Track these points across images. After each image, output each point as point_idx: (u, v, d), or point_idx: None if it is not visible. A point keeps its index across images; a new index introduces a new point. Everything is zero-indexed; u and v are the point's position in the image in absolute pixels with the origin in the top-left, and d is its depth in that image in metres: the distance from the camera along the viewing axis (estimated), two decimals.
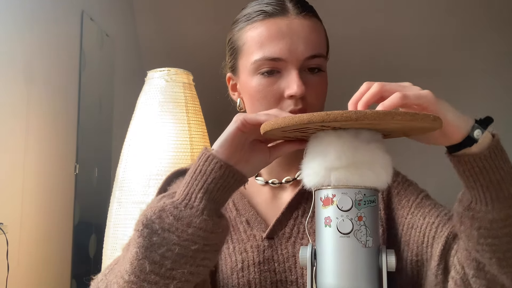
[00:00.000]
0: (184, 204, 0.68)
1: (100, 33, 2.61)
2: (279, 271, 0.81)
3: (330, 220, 0.65)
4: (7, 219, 1.73)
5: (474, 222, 0.66)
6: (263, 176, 0.90)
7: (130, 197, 1.69)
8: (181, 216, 0.67)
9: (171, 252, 0.66)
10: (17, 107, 1.87)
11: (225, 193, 0.71)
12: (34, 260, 1.95)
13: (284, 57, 0.80)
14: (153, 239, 0.66)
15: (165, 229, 0.66)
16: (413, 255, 0.80)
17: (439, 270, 0.75)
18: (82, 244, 2.33)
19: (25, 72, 1.93)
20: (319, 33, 0.85)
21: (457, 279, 0.72)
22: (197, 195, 0.68)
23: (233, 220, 0.86)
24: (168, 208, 0.68)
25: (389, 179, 0.67)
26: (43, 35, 2.07)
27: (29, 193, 1.92)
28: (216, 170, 0.69)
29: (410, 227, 0.81)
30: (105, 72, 2.70)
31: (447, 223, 0.78)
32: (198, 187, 0.69)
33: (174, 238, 0.66)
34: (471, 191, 0.67)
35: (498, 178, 0.65)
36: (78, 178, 2.30)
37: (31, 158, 1.94)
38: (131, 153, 1.74)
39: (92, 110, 2.51)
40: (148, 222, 0.67)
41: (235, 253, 0.83)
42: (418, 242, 0.79)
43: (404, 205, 0.84)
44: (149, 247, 0.66)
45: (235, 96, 0.91)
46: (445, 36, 3.25)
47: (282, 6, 0.83)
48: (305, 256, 0.67)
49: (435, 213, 0.80)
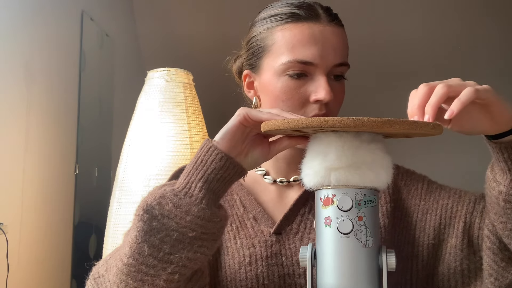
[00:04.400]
0: (183, 192, 0.70)
1: (100, 33, 2.61)
2: (287, 265, 0.82)
3: (330, 220, 0.65)
4: (7, 219, 1.73)
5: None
6: (271, 174, 0.91)
7: (130, 197, 1.69)
8: (180, 204, 0.69)
9: (169, 237, 0.68)
10: (17, 107, 1.87)
11: (224, 184, 0.73)
12: (34, 260, 1.95)
13: (315, 62, 0.82)
14: (153, 224, 0.69)
15: (165, 215, 0.69)
16: (430, 239, 0.84)
17: (463, 245, 0.81)
18: (82, 244, 2.33)
19: (25, 72, 1.93)
20: (345, 42, 0.87)
21: (494, 248, 0.76)
22: (197, 184, 0.70)
23: (241, 217, 0.87)
24: (168, 195, 0.70)
25: (389, 179, 0.67)
26: (43, 35, 2.07)
27: (29, 193, 1.92)
28: (217, 161, 0.71)
29: (425, 212, 0.86)
30: (105, 72, 2.70)
31: (460, 201, 0.84)
32: (198, 176, 0.71)
33: (172, 224, 0.68)
34: (510, 172, 0.71)
35: None
36: (78, 178, 2.31)
37: (31, 158, 1.94)
38: (131, 153, 1.74)
39: (92, 110, 2.51)
40: (149, 207, 0.69)
41: (243, 248, 0.84)
42: (435, 225, 0.84)
43: (414, 194, 0.89)
44: (149, 231, 0.69)
45: (250, 94, 0.92)
46: (449, 37, 3.25)
47: (315, 12, 0.85)
48: (305, 256, 0.67)
49: (446, 195, 0.86)
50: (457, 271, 0.81)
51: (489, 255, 0.77)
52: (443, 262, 0.83)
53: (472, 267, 0.81)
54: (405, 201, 0.89)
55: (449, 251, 0.83)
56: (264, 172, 0.90)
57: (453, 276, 0.82)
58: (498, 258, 0.76)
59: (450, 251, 0.82)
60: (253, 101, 0.91)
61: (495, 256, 0.76)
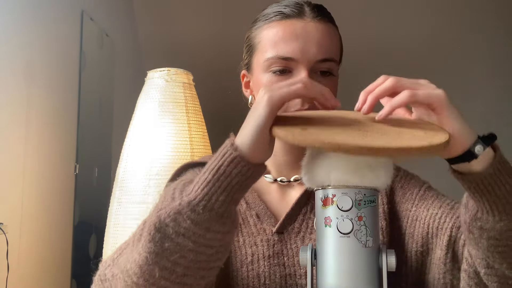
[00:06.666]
0: (202, 205, 0.62)
1: (100, 33, 2.61)
2: (288, 265, 0.82)
3: (330, 220, 0.65)
4: (7, 219, 1.72)
5: (483, 232, 0.66)
6: (272, 174, 0.91)
7: (130, 197, 1.69)
8: (199, 221, 0.62)
9: (184, 258, 0.63)
10: (17, 107, 1.87)
11: (246, 190, 0.67)
12: (34, 260, 1.95)
13: (295, 57, 0.82)
14: (165, 245, 0.62)
15: (180, 234, 0.62)
16: (418, 246, 0.82)
17: (447, 259, 0.77)
18: (82, 244, 2.33)
19: (25, 72, 1.93)
20: (333, 38, 0.87)
21: (470, 271, 0.72)
22: (218, 197, 0.63)
23: (243, 213, 0.87)
24: (185, 211, 0.62)
25: (389, 180, 0.67)
26: (43, 35, 2.07)
27: (29, 193, 1.92)
28: (244, 172, 0.63)
29: (415, 219, 0.83)
30: (105, 72, 2.70)
31: (450, 213, 0.80)
32: (221, 189, 0.63)
33: (189, 244, 0.62)
34: (477, 203, 0.66)
35: (504, 192, 0.64)
36: (78, 178, 2.30)
37: (31, 158, 1.94)
38: (131, 153, 1.74)
39: (92, 110, 2.51)
40: (162, 225, 0.63)
41: (245, 246, 0.83)
42: (423, 233, 0.81)
43: (408, 198, 0.86)
44: (160, 253, 0.63)
45: (247, 93, 0.93)
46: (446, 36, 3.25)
47: (299, 9, 0.86)
48: (305, 256, 0.67)
49: (438, 204, 0.82)
50: (441, 284, 0.78)
51: (465, 278, 0.73)
52: (429, 271, 0.81)
53: (455, 283, 0.77)
54: (398, 205, 0.87)
55: (434, 262, 0.80)
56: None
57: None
58: (473, 283, 0.72)
59: (435, 262, 0.79)
60: (249, 99, 0.92)
61: (470, 280, 0.73)
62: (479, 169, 0.64)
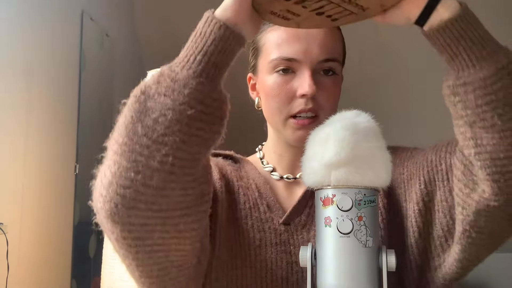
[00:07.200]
0: (181, 65, 0.68)
1: (100, 33, 2.61)
2: (295, 253, 0.84)
3: (330, 220, 0.65)
4: (7, 219, 1.73)
5: (468, 86, 0.67)
6: (278, 171, 0.93)
7: None
8: (178, 78, 0.67)
9: (164, 117, 0.66)
10: (17, 107, 1.87)
11: (225, 56, 0.69)
12: (34, 260, 1.95)
13: (298, 58, 0.84)
14: (148, 105, 0.67)
15: (161, 94, 0.67)
16: (415, 204, 0.80)
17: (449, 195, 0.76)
18: (82, 244, 2.33)
19: (25, 72, 1.93)
20: (335, 39, 0.88)
21: (458, 174, 0.72)
22: (196, 57, 0.68)
23: (254, 200, 0.89)
24: (166, 72, 0.68)
25: (389, 179, 0.67)
26: (43, 35, 2.07)
27: (29, 193, 1.92)
28: (216, 31, 0.68)
29: (409, 179, 0.83)
30: (105, 72, 2.70)
31: (435, 150, 0.80)
32: (198, 49, 0.68)
33: (168, 102, 0.66)
34: (455, 60, 0.68)
35: (478, 36, 0.67)
36: (78, 178, 2.31)
37: (31, 158, 1.94)
38: None
39: (92, 110, 2.51)
40: (146, 88, 0.68)
41: (253, 230, 0.85)
42: (421, 186, 0.80)
43: (398, 164, 0.85)
44: (143, 112, 0.67)
45: (253, 95, 0.95)
46: None
47: None
48: (305, 256, 0.67)
49: (422, 152, 0.83)
50: (450, 224, 0.77)
51: (457, 184, 0.74)
52: (435, 225, 0.79)
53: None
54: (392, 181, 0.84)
55: (438, 208, 0.78)
56: (271, 169, 0.92)
57: (447, 229, 0.77)
58: (461, 185, 0.72)
59: (439, 207, 0.78)
60: (255, 101, 0.94)
61: (459, 182, 0.73)
62: (449, 15, 0.67)
